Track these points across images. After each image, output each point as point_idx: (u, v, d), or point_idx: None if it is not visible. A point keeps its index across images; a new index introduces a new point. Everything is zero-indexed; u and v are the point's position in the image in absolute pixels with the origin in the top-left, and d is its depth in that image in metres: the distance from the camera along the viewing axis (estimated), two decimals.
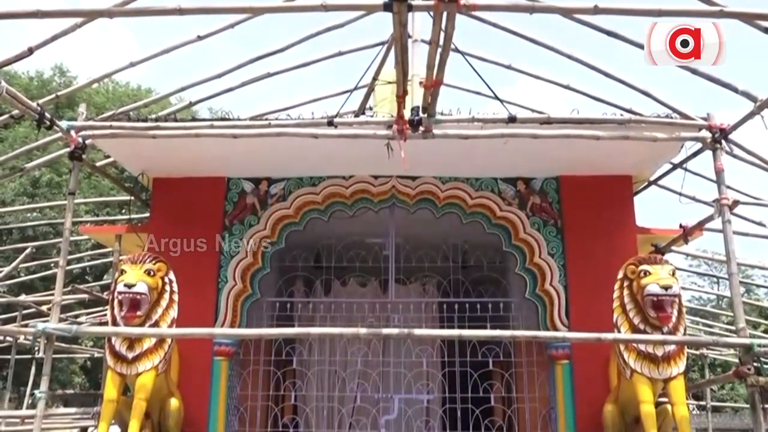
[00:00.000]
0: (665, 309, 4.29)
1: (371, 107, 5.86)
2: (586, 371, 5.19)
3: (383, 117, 4.52)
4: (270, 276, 5.80)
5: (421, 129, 4.02)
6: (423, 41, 3.71)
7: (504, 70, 5.95)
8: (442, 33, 3.19)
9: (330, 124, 4.31)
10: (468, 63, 4.74)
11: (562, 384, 5.26)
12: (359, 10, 4.65)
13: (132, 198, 6.31)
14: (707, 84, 4.40)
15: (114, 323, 4.52)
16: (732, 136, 4.49)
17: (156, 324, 4.55)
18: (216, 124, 4.61)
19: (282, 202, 5.71)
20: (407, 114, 4.02)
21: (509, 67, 5.94)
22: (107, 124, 4.73)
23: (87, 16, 3.83)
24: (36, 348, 9.26)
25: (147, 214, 6.51)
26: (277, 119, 4.79)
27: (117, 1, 3.67)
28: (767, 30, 3.66)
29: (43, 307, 9.10)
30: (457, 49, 4.40)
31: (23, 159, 7.62)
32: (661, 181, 6.02)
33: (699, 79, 4.40)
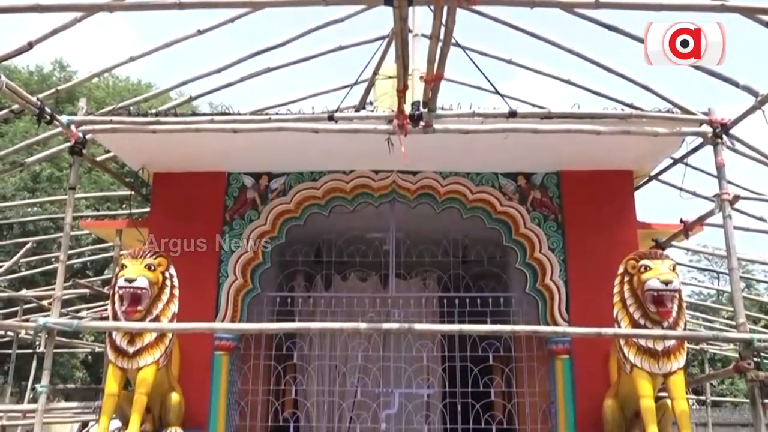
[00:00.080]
0: (665, 304, 4.29)
1: (372, 102, 5.86)
2: (586, 366, 5.20)
3: (384, 112, 4.52)
4: (270, 271, 5.81)
5: (422, 124, 4.02)
6: (424, 36, 3.69)
7: (504, 64, 5.93)
8: (442, 27, 3.18)
9: (330, 118, 4.31)
10: (468, 57, 4.73)
11: (562, 379, 5.27)
12: (360, 4, 4.61)
13: (132, 193, 6.31)
14: (708, 79, 4.39)
15: (115, 318, 4.53)
16: (733, 131, 4.48)
17: (157, 319, 4.56)
18: (216, 118, 4.60)
19: (282, 196, 5.71)
20: (408, 109, 4.01)
21: (510, 62, 5.92)
22: (107, 118, 4.72)
23: (87, 10, 3.82)
24: (37, 342, 9.24)
25: (147, 209, 6.51)
26: (278, 114, 4.79)
27: None
28: None
29: (44, 302, 9.11)
30: (458, 44, 4.39)
31: (23, 154, 7.62)
32: (662, 176, 6.02)
33: (700, 74, 4.38)
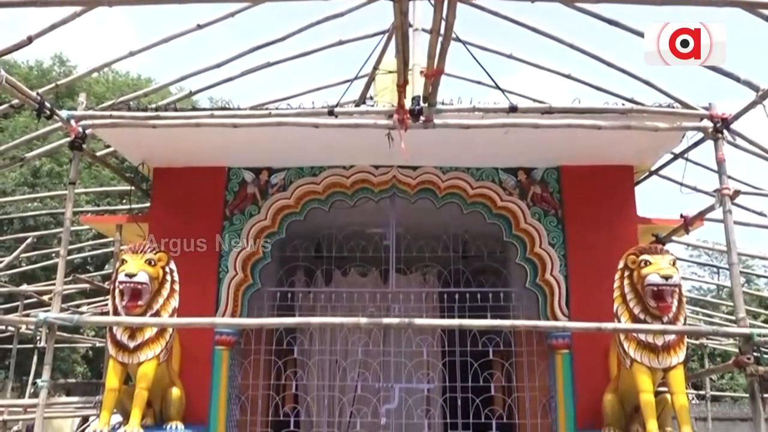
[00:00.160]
0: (665, 299, 4.29)
1: (372, 97, 5.84)
2: (586, 361, 5.20)
3: (384, 106, 4.50)
4: (271, 266, 5.81)
5: (422, 119, 4.00)
6: (424, 30, 3.67)
7: (505, 59, 5.92)
8: (443, 22, 3.17)
9: (330, 113, 4.29)
10: (469, 52, 4.71)
11: (562, 373, 5.27)
12: None
13: (132, 188, 6.31)
14: (709, 73, 4.38)
15: (115, 313, 4.53)
16: (734, 125, 4.47)
17: (157, 313, 4.56)
18: (216, 113, 4.59)
19: (282, 191, 5.70)
20: (408, 103, 4.00)
21: (510, 57, 5.91)
22: (107, 113, 4.71)
23: (86, 4, 3.82)
24: (38, 337, 9.27)
25: (147, 204, 6.51)
26: (278, 109, 4.77)
27: None
28: None
29: (45, 297, 9.12)
30: (458, 38, 4.37)
31: (23, 149, 7.61)
32: (662, 171, 6.01)
33: (701, 69, 4.35)
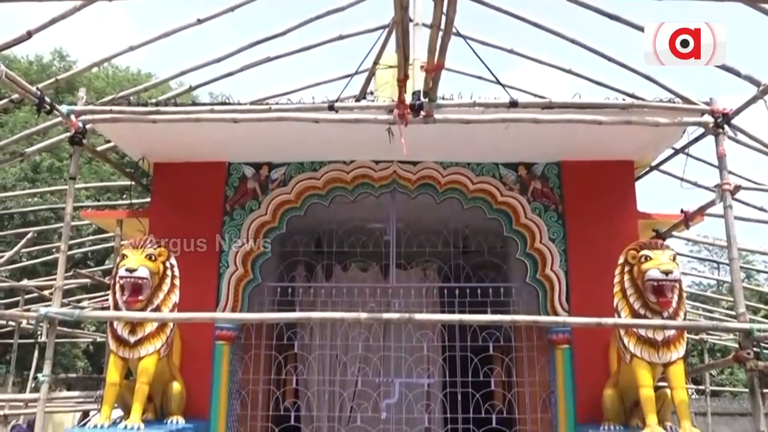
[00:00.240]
0: (666, 294, 4.29)
1: (372, 92, 5.83)
2: (586, 356, 5.21)
3: (384, 101, 4.50)
4: (271, 261, 5.81)
5: (422, 113, 4.00)
6: (424, 25, 3.66)
7: (506, 54, 5.91)
8: (443, 16, 3.16)
9: (331, 108, 4.29)
10: (470, 47, 4.70)
11: (562, 368, 5.28)
12: None
13: (133, 183, 6.31)
14: (710, 69, 4.36)
15: (116, 308, 4.53)
16: (734, 120, 4.46)
17: (158, 308, 4.56)
18: (216, 108, 4.58)
19: (283, 187, 5.70)
20: (408, 98, 3.99)
21: (511, 51, 5.90)
22: (107, 108, 4.70)
23: None
24: (38, 332, 9.25)
25: (148, 199, 6.51)
26: (278, 104, 4.77)
27: None
28: None
29: (45, 292, 9.13)
30: (459, 33, 4.36)
31: (23, 144, 7.61)
32: (663, 167, 6.00)
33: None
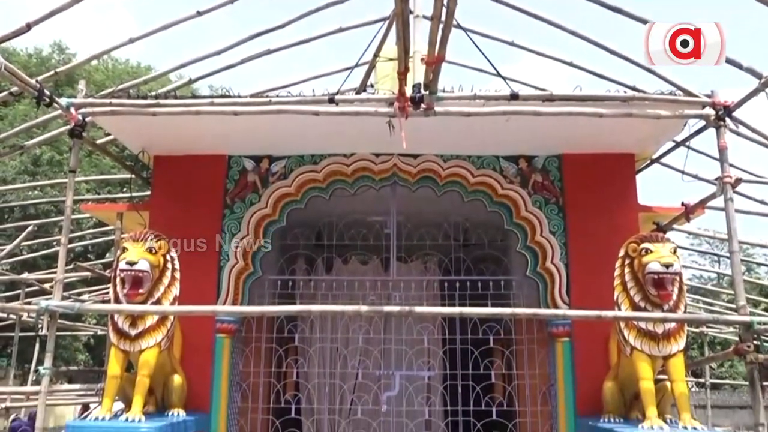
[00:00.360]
0: (666, 287, 4.29)
1: (372, 84, 5.82)
2: (586, 348, 5.22)
3: (384, 94, 4.48)
4: (271, 254, 5.81)
5: (423, 106, 3.98)
6: (425, 17, 3.64)
7: (506, 47, 5.90)
8: (444, 8, 3.14)
9: (331, 101, 4.27)
10: (470, 39, 4.68)
11: (562, 361, 5.29)
12: None
13: (133, 176, 6.30)
14: None
15: (116, 301, 4.53)
16: (736, 113, 4.44)
17: (158, 301, 4.56)
18: (216, 101, 4.57)
19: (283, 180, 5.69)
20: (409, 91, 3.97)
21: (512, 44, 5.88)
22: (107, 101, 4.68)
23: None
24: (39, 325, 9.27)
25: (148, 192, 6.51)
26: (278, 96, 4.75)
27: None
28: None
29: (46, 285, 9.13)
30: (460, 25, 4.35)
31: (23, 137, 7.59)
32: (664, 159, 5.99)
33: None
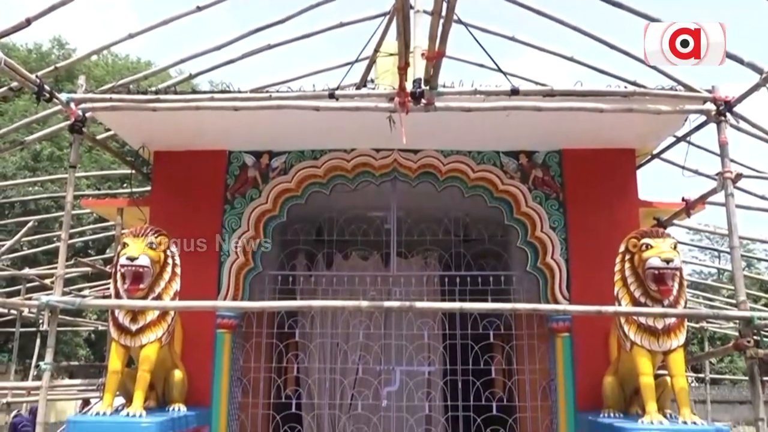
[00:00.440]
0: (666, 282, 4.29)
1: (373, 79, 5.81)
2: (586, 344, 5.22)
3: (385, 89, 4.47)
4: (272, 249, 5.81)
5: (423, 101, 3.98)
6: (425, 12, 3.64)
7: (507, 42, 5.89)
8: (444, 3, 3.14)
9: (331, 96, 4.27)
10: (471, 34, 4.66)
11: (562, 356, 5.30)
12: None
13: (133, 171, 6.30)
14: None
15: (117, 296, 4.53)
16: (737, 108, 4.44)
17: (159, 297, 4.56)
18: (216, 96, 4.57)
19: (283, 175, 5.69)
20: (409, 86, 3.97)
21: (513, 39, 5.87)
22: (107, 96, 4.68)
23: None
24: (40, 321, 9.30)
25: (148, 187, 6.50)
26: (278, 92, 4.75)
27: None
28: None
29: (47, 281, 9.16)
30: (460, 20, 4.34)
31: (23, 132, 7.60)
32: (665, 155, 5.99)
33: None
